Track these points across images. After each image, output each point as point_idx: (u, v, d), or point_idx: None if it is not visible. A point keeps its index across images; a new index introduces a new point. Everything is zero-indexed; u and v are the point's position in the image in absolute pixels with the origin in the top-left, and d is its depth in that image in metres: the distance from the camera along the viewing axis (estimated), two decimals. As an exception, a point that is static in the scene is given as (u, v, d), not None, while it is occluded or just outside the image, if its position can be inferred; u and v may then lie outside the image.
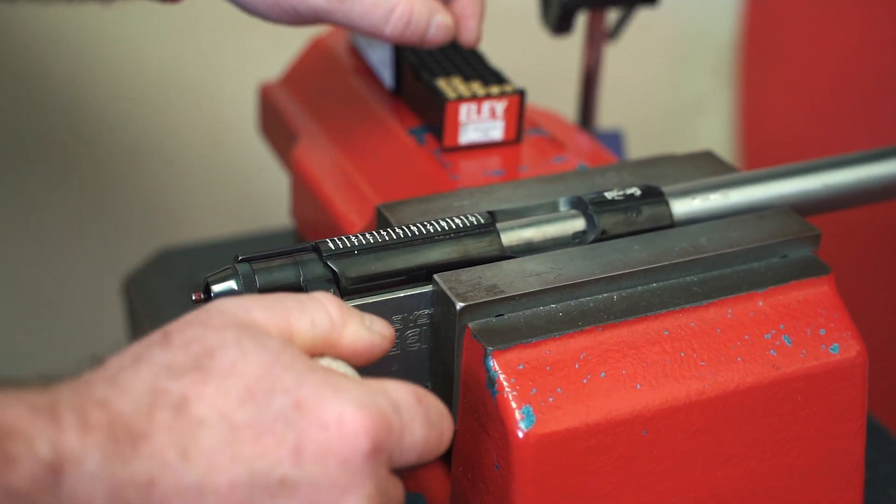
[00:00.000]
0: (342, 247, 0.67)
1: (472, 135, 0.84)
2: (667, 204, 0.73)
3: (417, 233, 0.69)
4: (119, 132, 1.52)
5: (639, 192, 0.73)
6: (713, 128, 1.85)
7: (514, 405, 0.63)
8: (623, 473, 0.65)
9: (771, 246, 0.72)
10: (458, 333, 0.65)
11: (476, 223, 0.70)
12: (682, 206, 0.74)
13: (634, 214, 0.72)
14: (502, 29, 1.17)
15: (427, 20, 0.80)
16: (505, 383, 0.63)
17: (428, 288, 0.67)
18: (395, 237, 0.68)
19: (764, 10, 1.75)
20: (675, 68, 1.83)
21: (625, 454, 0.65)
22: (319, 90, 0.97)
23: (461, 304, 0.65)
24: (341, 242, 0.67)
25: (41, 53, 1.45)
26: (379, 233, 0.68)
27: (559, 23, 1.02)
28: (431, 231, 0.69)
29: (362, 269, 0.66)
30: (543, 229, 0.71)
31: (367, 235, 0.68)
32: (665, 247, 0.70)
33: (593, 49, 1.10)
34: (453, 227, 0.69)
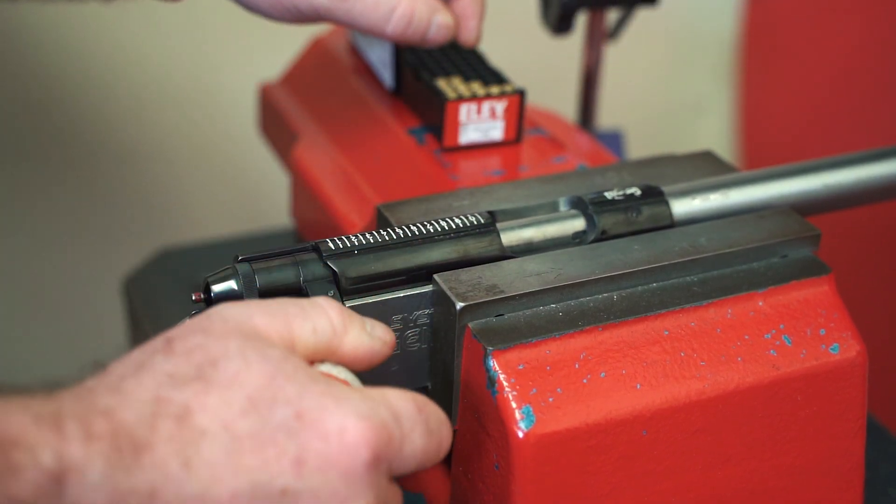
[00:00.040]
0: (342, 247, 0.66)
1: (472, 135, 0.84)
2: (667, 204, 0.73)
3: (417, 233, 0.69)
4: (119, 132, 1.52)
5: (639, 192, 0.73)
6: (713, 128, 1.85)
7: (514, 405, 0.63)
8: (623, 473, 0.65)
9: (771, 246, 0.72)
10: (458, 333, 0.65)
11: (476, 223, 0.70)
12: (682, 206, 0.73)
13: (634, 214, 0.72)
14: (502, 29, 1.17)
15: (428, 19, 0.80)
16: (505, 383, 0.63)
17: (428, 288, 0.67)
18: (395, 237, 0.68)
19: (764, 10, 1.75)
20: (675, 68, 1.83)
21: (625, 454, 0.65)
22: (319, 90, 0.97)
23: (461, 304, 0.65)
24: (341, 242, 0.67)
25: (41, 53, 1.45)
26: (379, 233, 0.68)
27: (559, 23, 1.02)
28: (431, 231, 0.69)
29: (362, 269, 0.66)
30: (543, 229, 0.71)
31: (367, 235, 0.68)
32: (665, 247, 0.70)
33: (593, 49, 1.10)
34: (453, 227, 0.69)
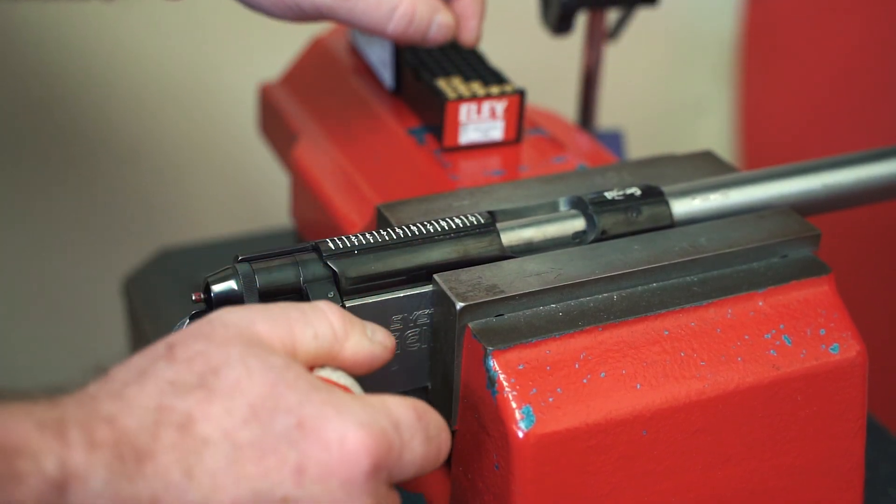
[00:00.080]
0: (342, 247, 0.66)
1: (472, 135, 0.84)
2: (667, 204, 0.73)
3: (417, 233, 0.69)
4: (119, 132, 1.52)
5: (639, 192, 0.73)
6: (713, 128, 1.85)
7: (514, 405, 0.63)
8: (623, 473, 0.65)
9: (771, 246, 0.72)
10: (458, 333, 0.65)
11: (476, 223, 0.70)
12: (682, 206, 0.73)
13: (634, 214, 0.72)
14: (502, 29, 1.17)
15: (429, 19, 0.80)
16: (505, 383, 0.63)
17: (428, 288, 0.67)
18: (395, 237, 0.68)
19: (764, 10, 1.75)
20: (675, 68, 1.83)
21: (625, 454, 0.65)
22: (319, 90, 0.97)
23: (461, 304, 0.65)
24: (341, 242, 0.67)
25: (41, 52, 1.45)
26: (379, 233, 0.68)
27: (559, 23, 1.02)
28: (431, 231, 0.69)
29: (362, 269, 0.66)
30: (543, 229, 0.71)
31: (367, 235, 0.68)
32: (665, 247, 0.70)
33: (593, 49, 1.10)
34: (453, 227, 0.69)
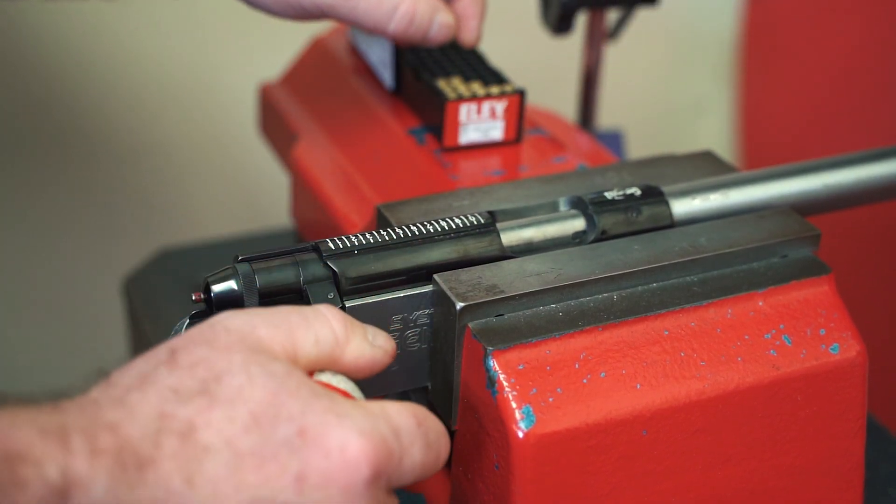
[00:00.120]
0: (342, 247, 0.66)
1: (472, 135, 0.84)
2: (667, 204, 0.73)
3: (417, 233, 0.69)
4: (119, 132, 1.52)
5: (639, 192, 0.73)
6: (713, 128, 1.85)
7: (514, 405, 0.63)
8: (623, 473, 0.65)
9: (771, 246, 0.72)
10: (458, 333, 0.65)
11: (476, 223, 0.70)
12: (682, 206, 0.73)
13: (634, 214, 0.72)
14: (502, 29, 1.17)
15: (430, 19, 0.80)
16: (505, 383, 0.63)
17: (428, 288, 0.67)
18: (395, 237, 0.68)
19: (764, 10, 1.75)
20: (675, 68, 1.83)
21: (625, 454, 0.65)
22: (319, 90, 0.97)
23: (461, 304, 0.65)
24: (341, 242, 0.67)
25: (41, 51, 1.45)
26: (379, 233, 0.68)
27: (559, 23, 1.02)
28: (431, 231, 0.69)
29: (362, 269, 0.66)
30: (543, 229, 0.71)
31: (367, 235, 0.68)
32: (665, 247, 0.70)
33: (593, 49, 1.10)
34: (453, 227, 0.69)
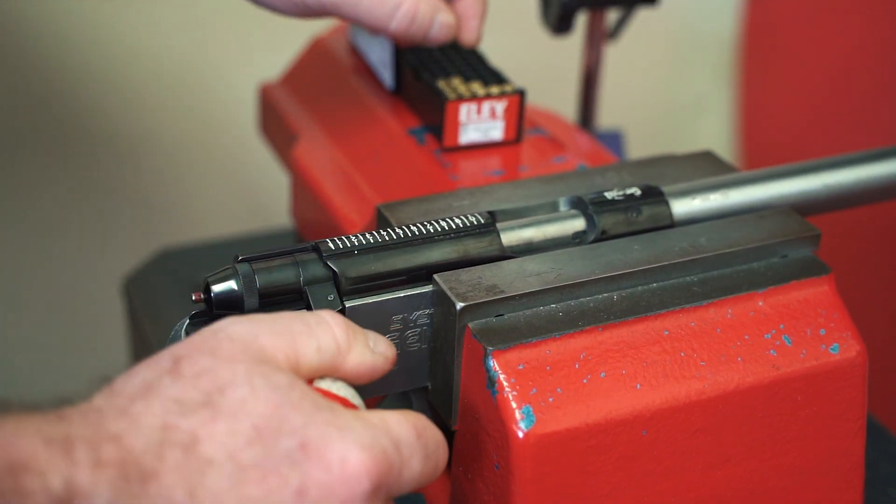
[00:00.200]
0: (342, 247, 0.66)
1: (472, 135, 0.84)
2: (667, 204, 0.73)
3: (417, 233, 0.69)
4: (119, 132, 1.52)
5: (639, 192, 0.73)
6: (713, 128, 1.85)
7: (514, 405, 0.63)
8: (623, 473, 0.65)
9: (771, 246, 0.72)
10: (458, 333, 0.65)
11: (476, 223, 0.70)
12: (682, 206, 0.73)
13: (634, 214, 0.72)
14: (502, 29, 1.17)
15: (431, 18, 0.80)
16: (505, 383, 0.63)
17: (428, 288, 0.67)
18: (395, 237, 0.68)
19: (764, 10, 1.75)
20: (675, 68, 1.83)
21: (625, 454, 0.65)
22: (319, 90, 0.97)
23: (461, 304, 0.65)
24: (341, 242, 0.67)
25: (42, 50, 1.45)
26: (379, 233, 0.68)
27: (559, 23, 1.02)
28: (431, 231, 0.69)
29: (362, 269, 0.66)
30: (543, 229, 0.71)
31: (367, 235, 0.68)
32: (665, 247, 0.70)
33: (593, 49, 1.10)
34: (453, 227, 0.69)
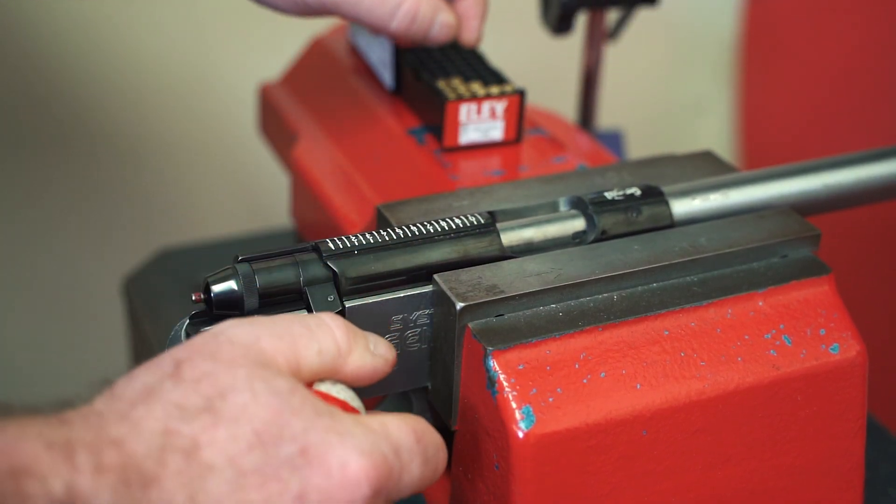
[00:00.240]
0: (342, 247, 0.66)
1: (472, 135, 0.84)
2: (667, 204, 0.73)
3: (417, 233, 0.69)
4: (119, 132, 1.52)
5: (639, 192, 0.73)
6: (713, 128, 1.85)
7: (514, 405, 0.63)
8: (623, 473, 0.65)
9: (771, 246, 0.72)
10: (458, 333, 0.65)
11: (476, 223, 0.70)
12: (682, 206, 0.73)
13: (634, 214, 0.72)
14: (502, 29, 1.17)
15: (431, 18, 0.81)
16: (505, 383, 0.63)
17: (428, 288, 0.67)
18: (395, 237, 0.68)
19: (764, 10, 1.75)
20: (675, 68, 1.83)
21: (625, 454, 0.65)
22: (319, 90, 0.97)
23: (461, 304, 0.65)
24: (341, 242, 0.67)
25: (42, 50, 1.45)
26: (379, 233, 0.68)
27: (559, 23, 1.02)
28: (431, 231, 0.69)
29: (362, 269, 0.66)
30: (543, 229, 0.71)
31: (367, 235, 0.68)
32: (665, 247, 0.70)
33: (593, 49, 1.10)
34: (453, 227, 0.69)
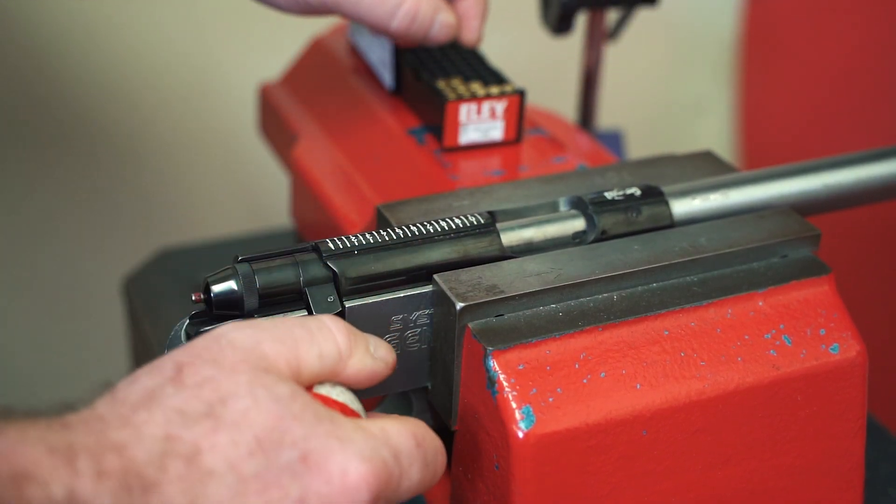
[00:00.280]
0: (342, 247, 0.66)
1: (472, 135, 0.84)
2: (667, 204, 0.73)
3: (417, 233, 0.69)
4: (119, 131, 1.52)
5: (639, 192, 0.73)
6: (713, 128, 1.85)
7: (514, 405, 0.63)
8: (623, 473, 0.65)
9: (771, 246, 0.72)
10: (458, 333, 0.65)
11: (476, 223, 0.70)
12: (682, 206, 0.73)
13: (634, 214, 0.72)
14: (502, 28, 1.17)
15: (431, 18, 0.81)
16: (505, 383, 0.63)
17: (428, 288, 0.67)
18: (395, 237, 0.68)
19: (764, 10, 1.75)
20: (675, 68, 1.83)
21: (625, 454, 0.65)
22: (319, 90, 0.97)
23: (461, 304, 0.65)
24: (341, 242, 0.67)
25: (41, 50, 1.45)
26: (379, 233, 0.68)
27: (559, 23, 1.02)
28: (431, 231, 0.69)
29: (362, 269, 0.66)
30: (543, 229, 0.71)
31: (367, 235, 0.68)
32: (665, 247, 0.70)
33: (593, 49, 1.10)
34: (453, 227, 0.69)
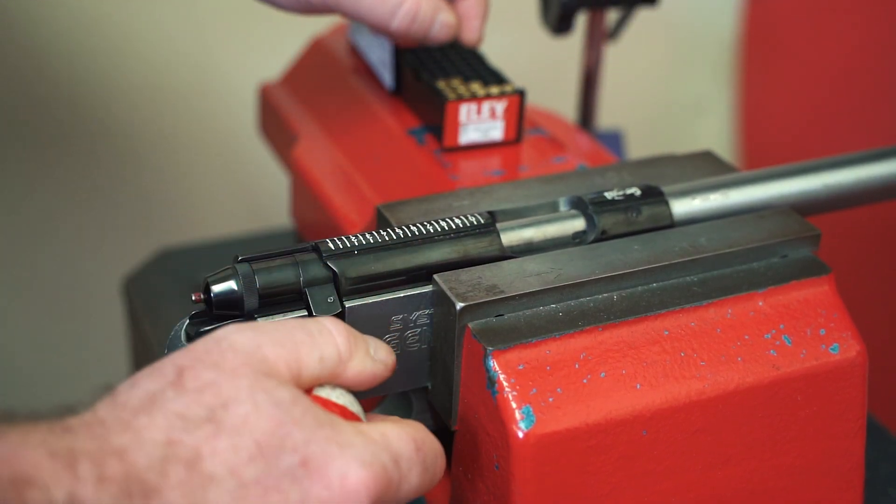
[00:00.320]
0: (342, 247, 0.66)
1: (472, 135, 0.84)
2: (667, 204, 0.73)
3: (417, 233, 0.69)
4: (119, 131, 1.52)
5: (639, 192, 0.73)
6: (713, 128, 1.85)
7: (514, 405, 0.63)
8: (623, 473, 0.65)
9: (771, 246, 0.72)
10: (458, 333, 0.65)
11: (476, 223, 0.70)
12: (682, 206, 0.73)
13: (634, 214, 0.72)
14: (502, 29, 1.17)
15: (432, 17, 0.81)
16: (505, 383, 0.63)
17: (428, 288, 0.67)
18: (395, 237, 0.68)
19: (764, 10, 1.75)
20: (675, 68, 1.83)
21: (625, 454, 0.65)
22: (319, 90, 0.97)
23: (461, 304, 0.65)
24: (341, 242, 0.67)
25: (41, 49, 1.45)
26: (379, 233, 0.68)
27: (559, 23, 1.02)
28: (431, 231, 0.69)
29: (362, 269, 0.66)
30: (543, 229, 0.71)
31: (367, 235, 0.68)
32: (665, 247, 0.70)
33: (593, 49, 1.10)
34: (453, 227, 0.69)
